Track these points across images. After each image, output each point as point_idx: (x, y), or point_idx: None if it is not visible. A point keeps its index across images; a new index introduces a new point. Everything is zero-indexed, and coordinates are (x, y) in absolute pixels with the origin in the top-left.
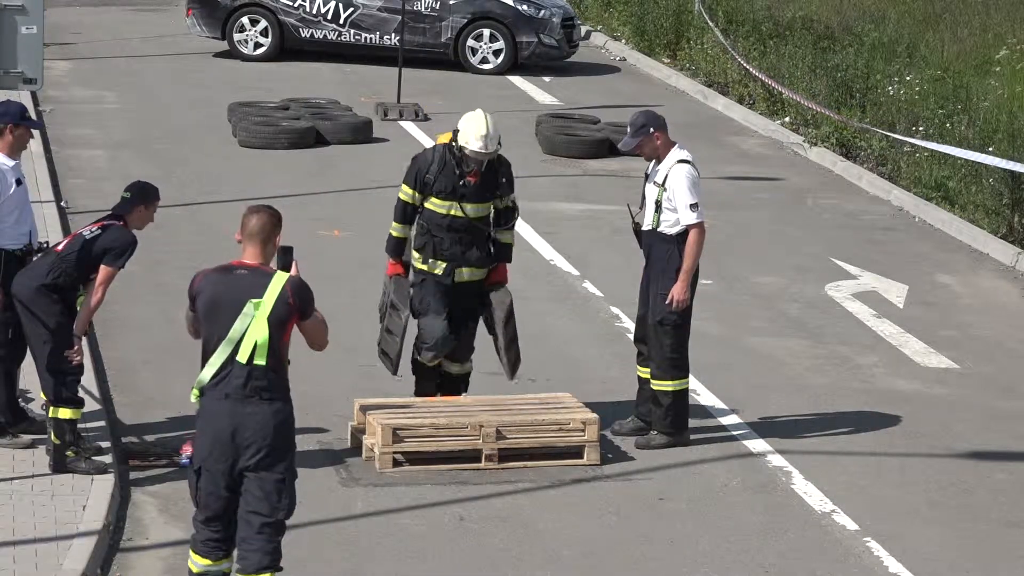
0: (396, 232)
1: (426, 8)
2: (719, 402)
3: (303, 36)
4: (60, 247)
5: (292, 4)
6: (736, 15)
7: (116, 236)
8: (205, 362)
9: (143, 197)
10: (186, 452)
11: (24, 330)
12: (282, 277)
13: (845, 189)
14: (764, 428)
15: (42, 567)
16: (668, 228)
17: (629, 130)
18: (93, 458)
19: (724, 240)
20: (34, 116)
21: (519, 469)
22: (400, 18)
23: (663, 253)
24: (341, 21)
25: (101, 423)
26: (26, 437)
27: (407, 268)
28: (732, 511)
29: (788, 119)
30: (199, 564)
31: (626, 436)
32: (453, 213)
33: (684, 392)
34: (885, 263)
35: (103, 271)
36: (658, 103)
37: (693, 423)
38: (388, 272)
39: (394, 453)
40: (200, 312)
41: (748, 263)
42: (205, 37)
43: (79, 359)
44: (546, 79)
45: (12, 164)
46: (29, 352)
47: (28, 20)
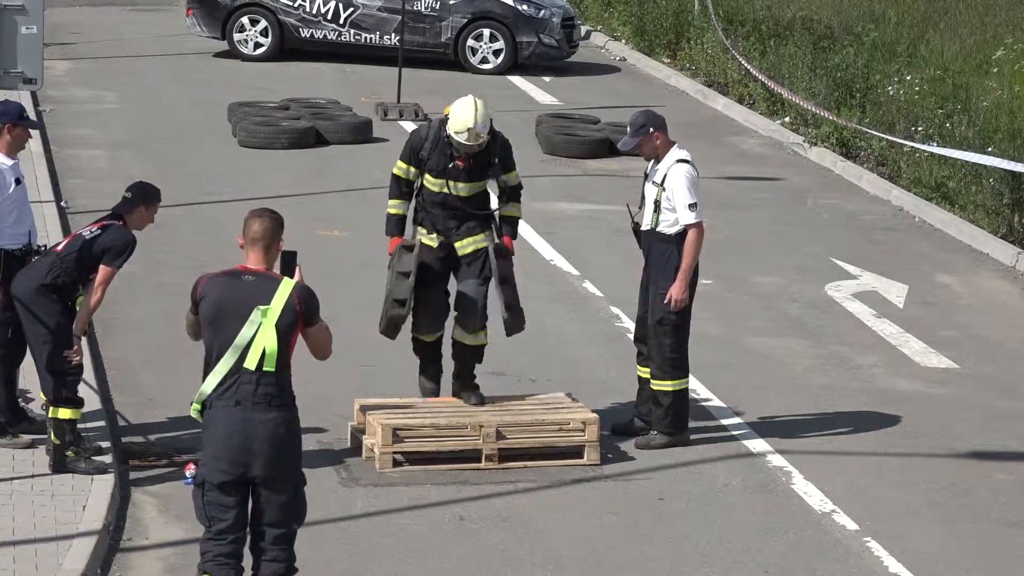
0: (392, 209)
1: (426, 8)
2: (719, 402)
3: (303, 36)
4: (60, 247)
5: (292, 4)
6: (736, 15)
7: (115, 236)
8: (207, 371)
9: (144, 198)
10: (189, 471)
11: (24, 330)
12: (289, 284)
13: (845, 189)
14: (764, 428)
15: (42, 567)
16: (667, 228)
17: (629, 130)
18: (93, 458)
19: (724, 240)
20: (33, 116)
21: (519, 469)
22: (400, 18)
23: (662, 253)
24: (341, 21)
25: (101, 423)
26: (26, 437)
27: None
28: (732, 511)
29: (788, 119)
30: None
31: (626, 436)
32: (445, 191)
33: (684, 392)
34: (885, 263)
35: (102, 271)
36: (658, 103)
37: (693, 423)
38: (390, 250)
39: (394, 453)
40: (204, 317)
41: (748, 263)
42: (205, 37)
43: (78, 359)
44: (546, 79)
45: (11, 163)
46: (29, 352)
47: (28, 20)
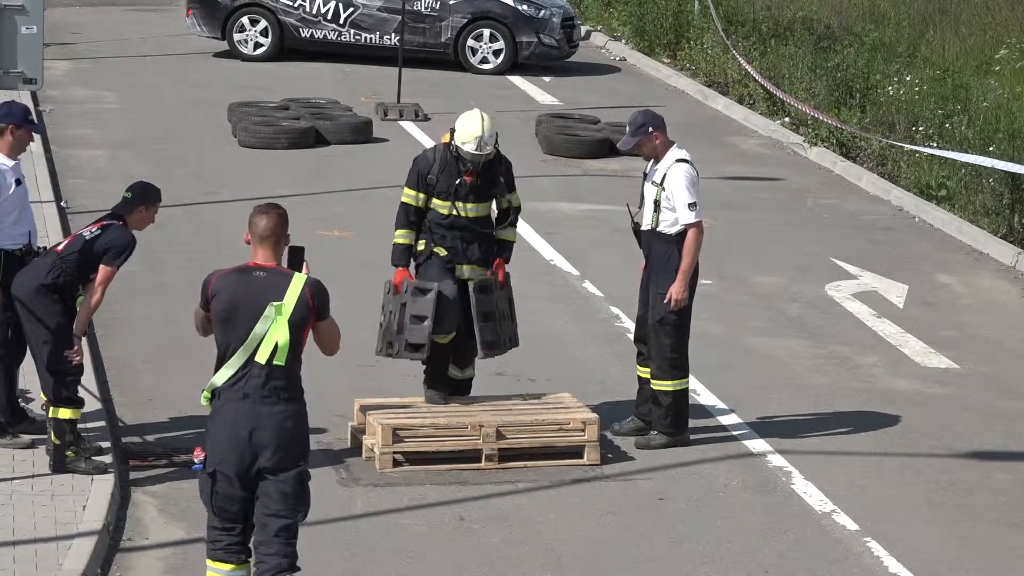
0: (399, 239)
1: (426, 8)
2: (719, 402)
3: (303, 36)
4: (60, 247)
5: (292, 4)
6: (736, 15)
7: (116, 236)
8: (220, 365)
9: (144, 198)
10: (198, 456)
11: (24, 330)
12: (301, 279)
13: (845, 189)
14: (764, 428)
15: (42, 567)
16: (667, 228)
17: (628, 129)
18: (93, 458)
19: (724, 240)
20: (34, 116)
21: (519, 469)
22: (400, 18)
23: (662, 253)
24: (341, 21)
25: (101, 423)
26: (26, 437)
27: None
28: (732, 511)
29: (788, 119)
30: (223, 570)
31: (626, 436)
32: (454, 213)
33: (684, 392)
34: (885, 263)
35: (103, 271)
36: (658, 103)
37: (693, 423)
38: (395, 281)
39: (394, 453)
40: (216, 314)
41: (748, 263)
42: (205, 37)
43: (79, 359)
44: (546, 79)
45: (12, 164)
46: (29, 352)
47: (28, 20)
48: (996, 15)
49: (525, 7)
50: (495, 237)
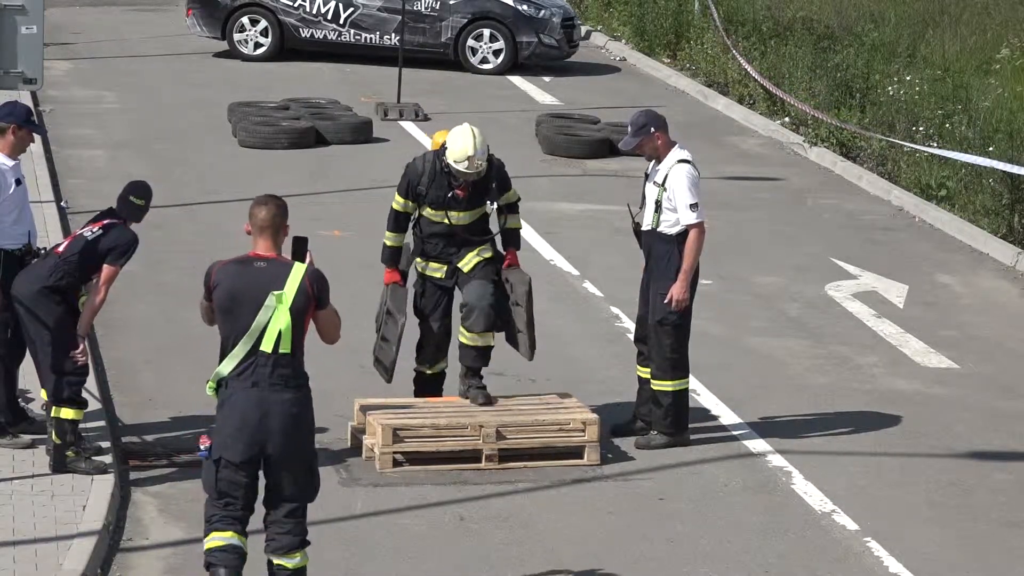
0: (389, 241)
1: (426, 8)
2: (719, 402)
3: (303, 36)
4: (61, 249)
5: (292, 4)
6: (736, 15)
7: (119, 235)
8: (223, 354)
9: (138, 193)
10: (204, 443)
11: (25, 331)
12: (300, 268)
13: (845, 189)
14: (764, 428)
15: (42, 567)
16: (668, 228)
17: (630, 129)
18: (93, 458)
19: (724, 240)
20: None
21: (519, 469)
22: (400, 18)
23: (663, 253)
24: (341, 21)
25: (101, 423)
26: (26, 437)
27: (404, 277)
28: (732, 511)
29: (788, 119)
30: (223, 537)
31: (626, 436)
32: (445, 221)
33: (684, 392)
34: (885, 263)
35: (106, 270)
36: (658, 103)
37: (693, 423)
38: (385, 281)
39: (394, 453)
40: (218, 305)
41: (748, 263)
42: (205, 37)
43: (84, 359)
44: (546, 79)
45: (12, 164)
46: (28, 352)
47: (28, 20)
48: (996, 15)
49: (525, 7)
50: (501, 228)
